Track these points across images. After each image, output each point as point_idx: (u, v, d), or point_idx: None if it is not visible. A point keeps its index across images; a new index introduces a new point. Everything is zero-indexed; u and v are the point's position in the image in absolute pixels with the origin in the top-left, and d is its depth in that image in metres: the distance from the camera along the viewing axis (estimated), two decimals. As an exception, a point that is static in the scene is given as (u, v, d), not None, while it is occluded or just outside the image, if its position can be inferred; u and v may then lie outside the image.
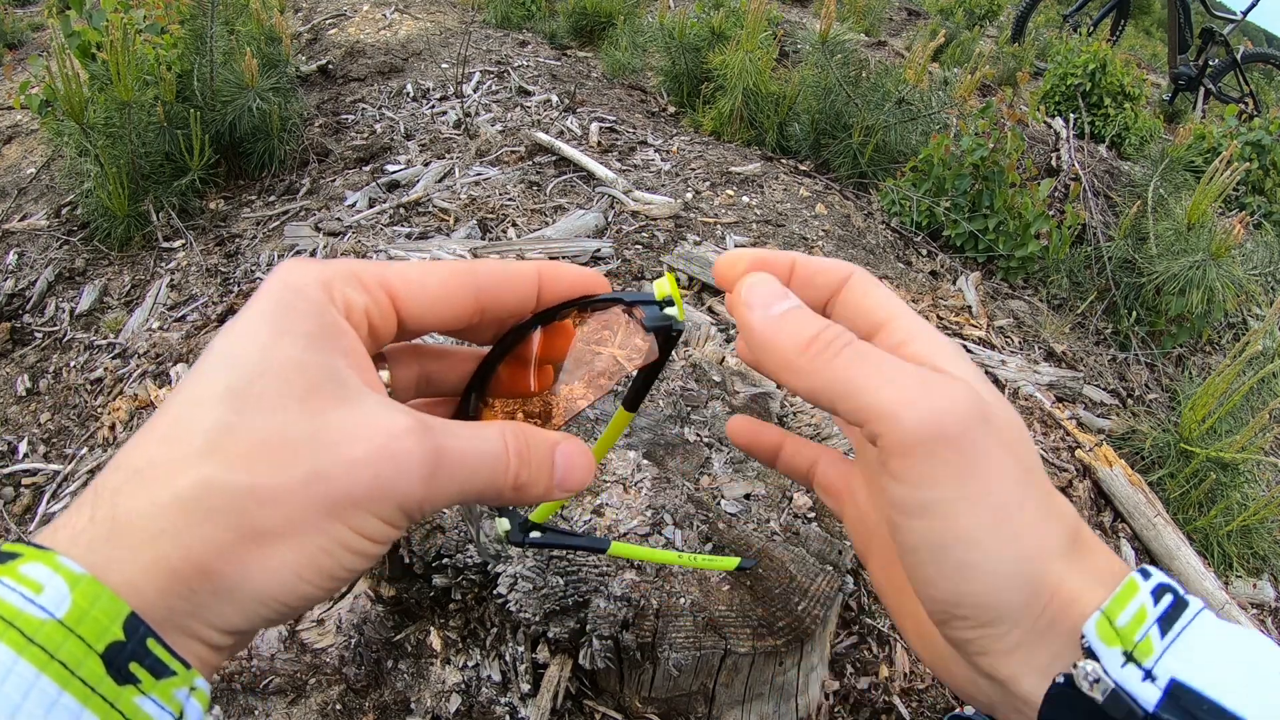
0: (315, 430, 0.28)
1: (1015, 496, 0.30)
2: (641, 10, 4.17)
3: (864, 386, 0.31)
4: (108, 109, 2.09)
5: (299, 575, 0.28)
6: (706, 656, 0.83)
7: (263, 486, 0.27)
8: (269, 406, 0.28)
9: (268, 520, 0.27)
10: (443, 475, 0.29)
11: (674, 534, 0.93)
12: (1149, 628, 0.28)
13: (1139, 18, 10.34)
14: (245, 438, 0.27)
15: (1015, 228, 2.52)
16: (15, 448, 1.68)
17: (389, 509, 0.29)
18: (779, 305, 0.34)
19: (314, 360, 0.29)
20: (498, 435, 0.32)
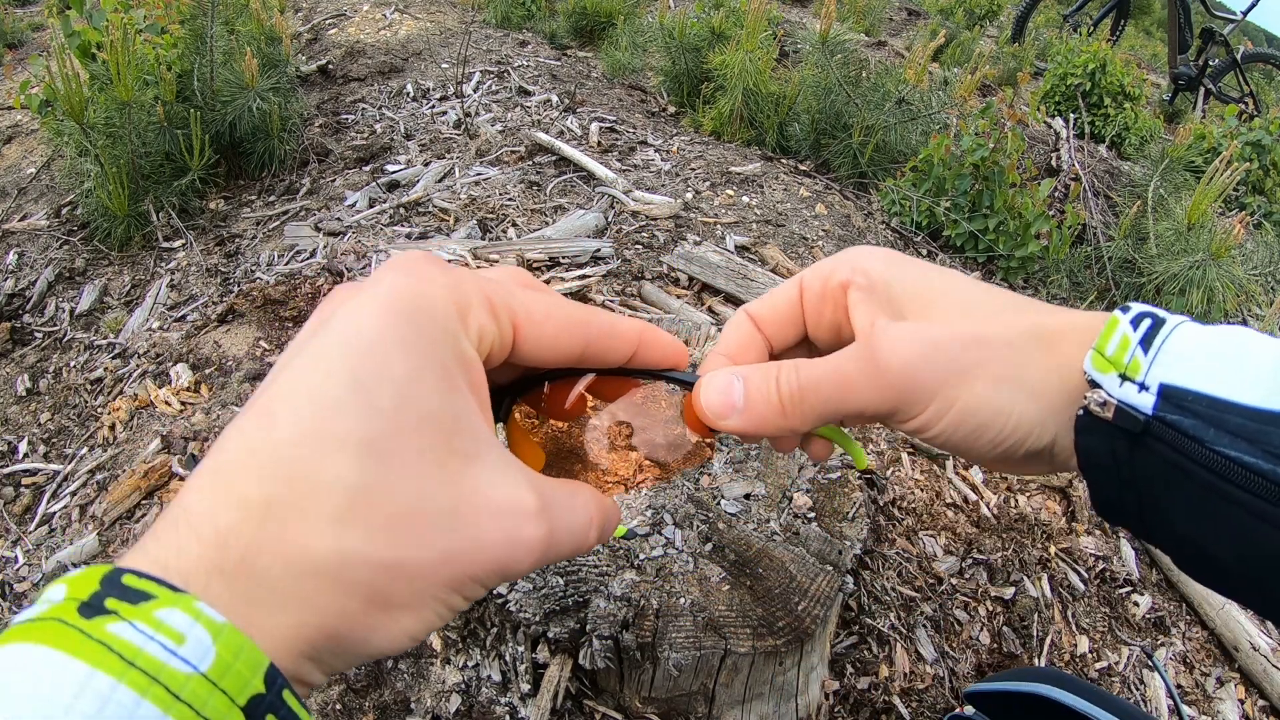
0: (454, 502, 0.28)
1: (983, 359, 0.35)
2: (641, 10, 4.17)
3: (835, 405, 0.37)
4: (108, 109, 2.09)
5: (411, 636, 0.28)
6: (706, 656, 0.83)
7: (400, 563, 0.27)
8: (410, 470, 0.27)
9: (399, 593, 0.27)
10: (545, 559, 0.31)
11: (674, 534, 0.93)
12: (1134, 350, 0.33)
13: (1139, 18, 10.34)
14: (384, 506, 0.26)
15: (1015, 228, 2.52)
16: (15, 448, 1.68)
17: (499, 581, 0.30)
18: (735, 396, 0.38)
19: (451, 409, 0.28)
20: (584, 512, 0.33)
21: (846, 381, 0.36)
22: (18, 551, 1.45)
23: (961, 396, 0.35)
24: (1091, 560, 1.56)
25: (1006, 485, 1.63)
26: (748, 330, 0.42)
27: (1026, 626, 1.39)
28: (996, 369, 0.35)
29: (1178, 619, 1.55)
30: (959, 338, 0.35)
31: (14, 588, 1.39)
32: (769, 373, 0.38)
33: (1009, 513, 1.57)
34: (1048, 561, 1.52)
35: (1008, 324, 0.36)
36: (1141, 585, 1.58)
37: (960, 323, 0.36)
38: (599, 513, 0.34)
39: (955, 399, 0.35)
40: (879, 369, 0.36)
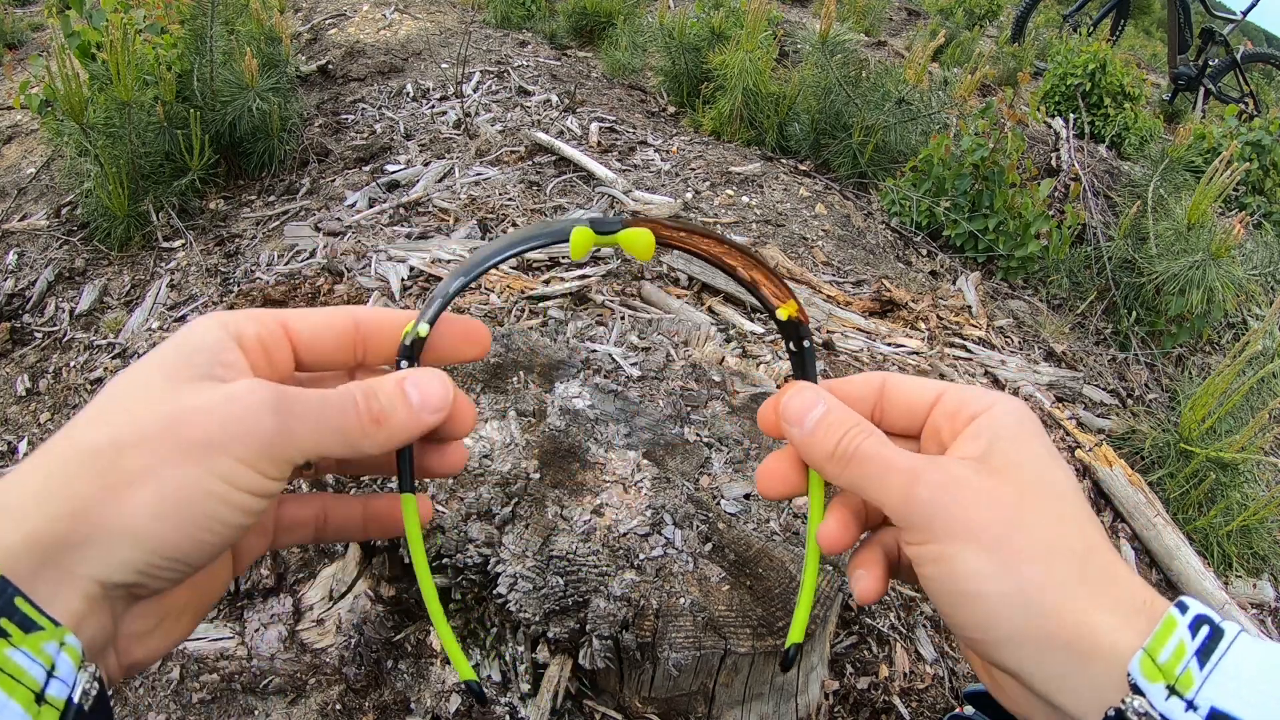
0: (176, 396, 0.32)
1: (1005, 538, 0.34)
2: (641, 10, 4.17)
3: (867, 483, 0.38)
4: (108, 109, 2.09)
5: (159, 514, 0.31)
6: (706, 656, 0.83)
7: (121, 437, 0.31)
8: (139, 391, 0.33)
9: (129, 465, 0.31)
10: (292, 418, 0.33)
11: (674, 534, 0.93)
12: (1189, 661, 0.31)
13: (1139, 18, 10.34)
14: (110, 408, 0.32)
15: (1015, 228, 2.52)
16: (15, 448, 1.68)
17: (249, 453, 0.32)
18: (811, 415, 0.40)
19: (190, 365, 0.34)
20: (345, 387, 0.37)
21: (889, 469, 0.37)
22: (18, 551, 1.45)
23: (962, 557, 0.35)
24: (1091, 560, 1.56)
25: (1006, 485, 1.62)
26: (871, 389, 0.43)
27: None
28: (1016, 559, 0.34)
29: (1178, 619, 1.55)
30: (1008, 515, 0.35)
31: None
32: (847, 418, 0.40)
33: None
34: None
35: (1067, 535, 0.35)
36: (1141, 585, 1.58)
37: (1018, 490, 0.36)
38: (362, 382, 0.37)
39: (954, 555, 0.35)
40: (922, 477, 0.36)
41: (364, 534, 0.45)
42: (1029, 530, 0.34)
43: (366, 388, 0.36)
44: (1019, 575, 0.34)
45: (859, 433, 0.39)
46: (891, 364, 1.77)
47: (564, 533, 0.90)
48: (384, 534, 0.45)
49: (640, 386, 1.16)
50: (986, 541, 0.34)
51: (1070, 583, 0.34)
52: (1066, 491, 0.36)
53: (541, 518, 0.91)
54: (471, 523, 0.89)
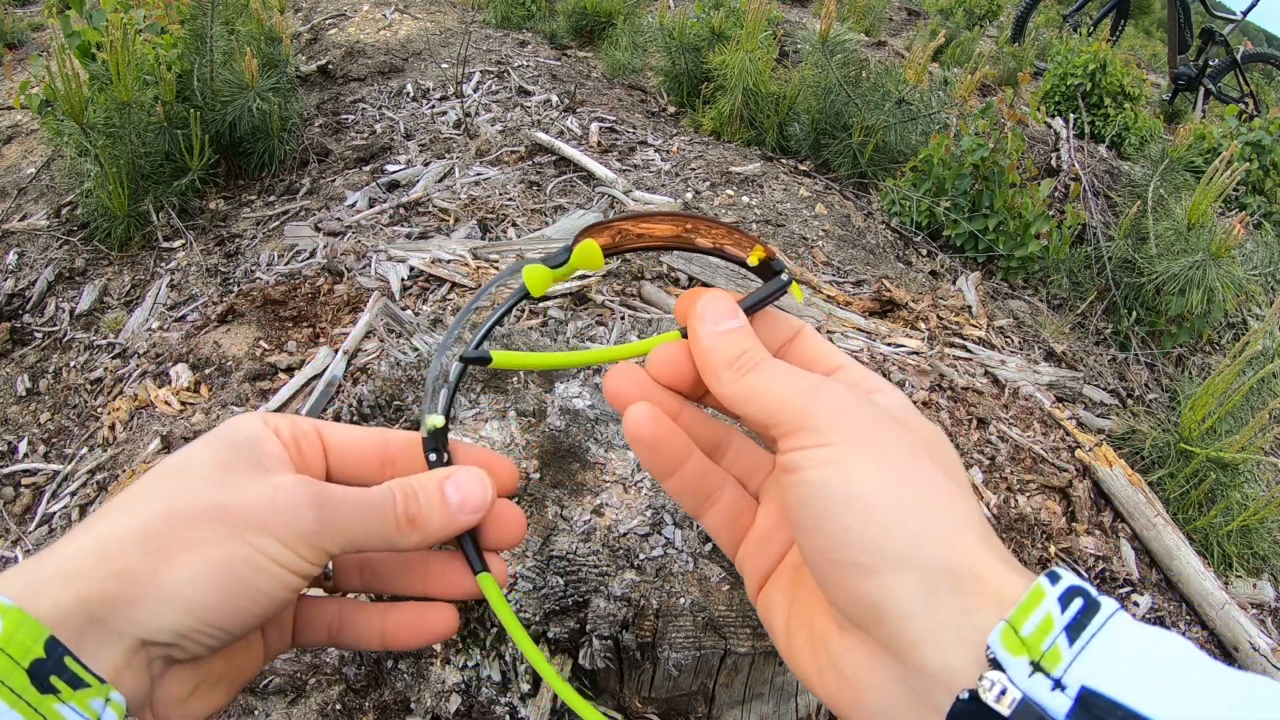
0: (226, 480, 0.35)
1: (908, 458, 0.33)
2: (641, 10, 4.17)
3: (766, 389, 0.36)
4: (108, 109, 2.09)
5: (205, 581, 0.33)
6: (706, 656, 0.83)
7: (175, 510, 0.34)
8: (192, 472, 0.36)
9: (179, 536, 0.33)
10: (331, 512, 0.36)
11: (674, 534, 0.93)
12: (1056, 635, 0.28)
13: (1139, 18, 10.35)
14: (163, 485, 0.35)
15: (1015, 228, 2.52)
16: (15, 448, 1.68)
17: (290, 536, 0.35)
18: (726, 323, 0.39)
19: (236, 455, 0.37)
20: (385, 486, 0.38)
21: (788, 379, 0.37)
22: (18, 552, 1.45)
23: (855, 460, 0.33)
24: (1091, 560, 1.56)
25: (1006, 485, 1.63)
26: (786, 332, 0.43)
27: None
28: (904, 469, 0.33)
29: (1178, 619, 1.55)
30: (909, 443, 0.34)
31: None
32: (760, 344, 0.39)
33: (1009, 513, 1.57)
34: (1047, 561, 1.52)
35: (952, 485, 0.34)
36: (1142, 585, 1.58)
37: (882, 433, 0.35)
38: (403, 482, 0.39)
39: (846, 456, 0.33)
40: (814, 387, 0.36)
41: (382, 645, 0.44)
42: (927, 463, 0.33)
43: (407, 488, 0.38)
44: (917, 491, 0.32)
45: (764, 352, 0.38)
46: (891, 364, 1.77)
47: (564, 533, 0.90)
48: (405, 647, 0.45)
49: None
50: (890, 455, 0.33)
51: (963, 519, 0.32)
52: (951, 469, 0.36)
53: (541, 518, 0.91)
54: (471, 523, 0.90)
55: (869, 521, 0.32)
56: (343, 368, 1.69)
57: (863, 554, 0.31)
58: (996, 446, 1.67)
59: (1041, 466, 1.68)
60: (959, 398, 1.76)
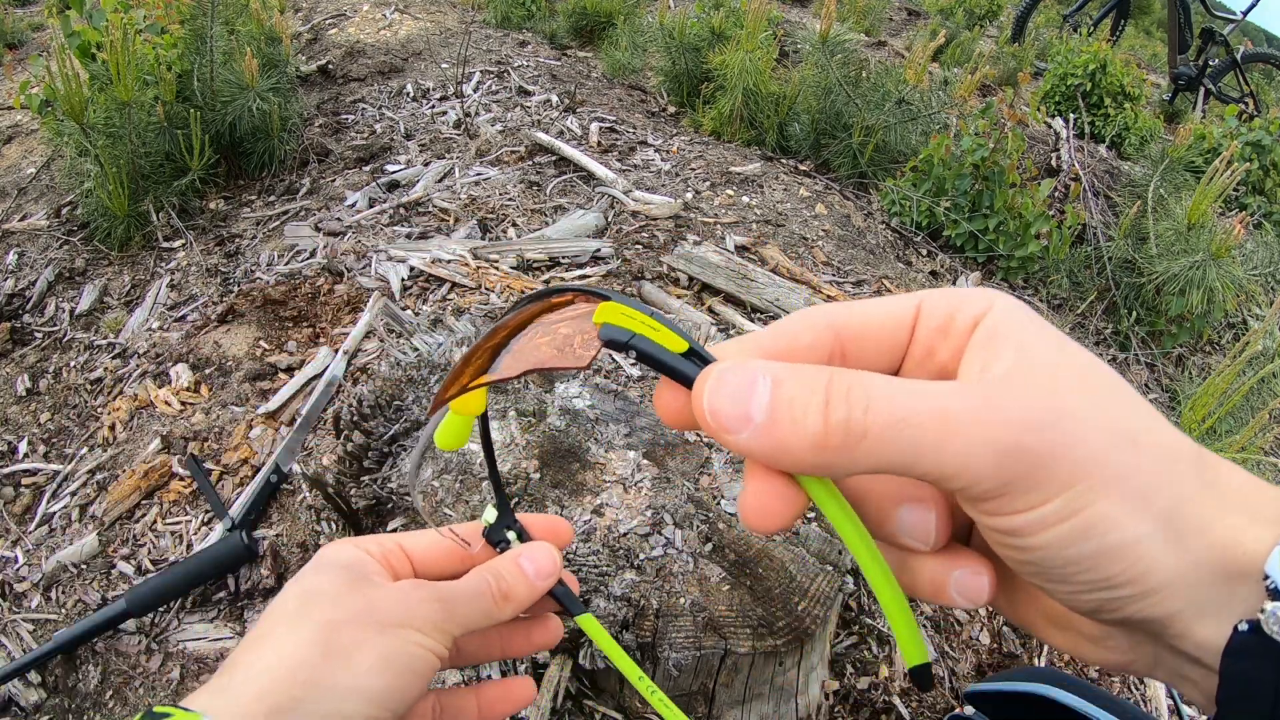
0: (361, 591, 0.41)
1: (1128, 465, 0.26)
2: (641, 10, 4.17)
3: (917, 455, 0.26)
4: (108, 109, 2.09)
5: (376, 670, 0.39)
6: (706, 656, 0.83)
7: (333, 619, 0.39)
8: (326, 590, 0.41)
9: (344, 640, 0.39)
10: (450, 603, 0.43)
11: (674, 534, 0.93)
12: None
13: (1139, 18, 10.34)
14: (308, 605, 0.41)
15: (1015, 228, 2.52)
16: (15, 448, 1.68)
17: (426, 626, 0.41)
18: (757, 403, 0.27)
19: (353, 574, 0.43)
20: (474, 574, 0.45)
21: (948, 420, 0.25)
22: (18, 551, 1.45)
23: (1095, 505, 0.25)
24: (1091, 560, 1.56)
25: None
26: (820, 335, 0.31)
27: (1026, 626, 1.39)
28: (1147, 487, 0.26)
29: (1178, 619, 1.55)
30: (1110, 428, 0.26)
31: (14, 588, 1.39)
32: (815, 379, 0.27)
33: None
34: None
35: (1169, 439, 0.27)
36: (1141, 585, 1.58)
37: (1110, 409, 0.27)
38: (490, 568, 0.45)
39: (1085, 505, 0.25)
40: (1006, 417, 0.25)
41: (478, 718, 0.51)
42: (1137, 447, 0.26)
43: (495, 570, 0.45)
44: (1155, 505, 0.26)
45: (850, 386, 0.26)
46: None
47: (564, 533, 0.89)
48: (496, 716, 0.51)
49: (640, 386, 1.16)
50: (1111, 476, 0.25)
51: (1199, 494, 0.26)
52: (1119, 383, 0.28)
53: (541, 518, 0.91)
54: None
55: (1126, 567, 0.26)
56: (343, 368, 1.69)
57: (1131, 589, 0.26)
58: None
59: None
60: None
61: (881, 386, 0.26)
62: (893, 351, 0.31)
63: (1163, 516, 0.26)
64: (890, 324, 0.31)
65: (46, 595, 1.37)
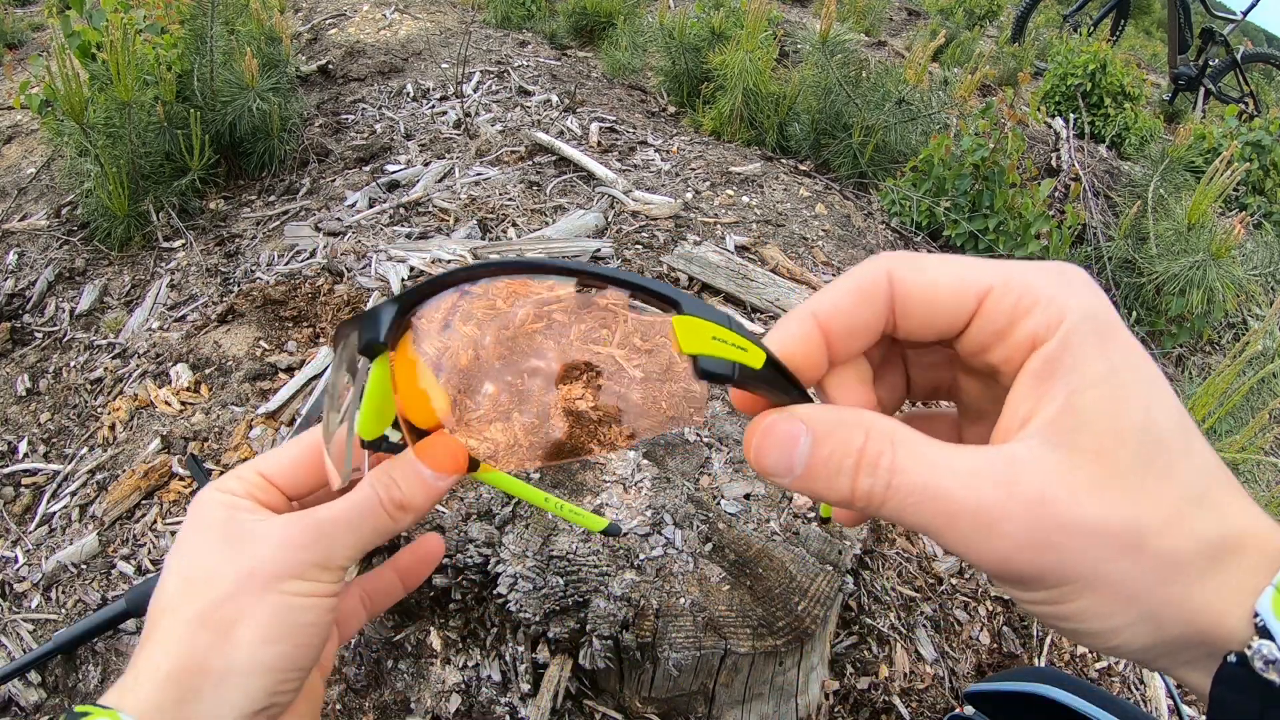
0: (234, 552, 0.39)
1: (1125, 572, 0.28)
2: (641, 10, 4.17)
3: (925, 526, 0.29)
4: (108, 109, 2.09)
5: (262, 640, 0.37)
6: (706, 656, 0.83)
7: (212, 597, 0.38)
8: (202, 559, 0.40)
9: (224, 615, 0.37)
10: (328, 535, 0.39)
11: (674, 534, 0.93)
12: None
13: (1139, 18, 10.34)
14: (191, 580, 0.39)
15: (1015, 228, 2.52)
16: (15, 448, 1.68)
17: (307, 570, 0.39)
18: (798, 453, 0.30)
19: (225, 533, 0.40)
20: (364, 485, 0.40)
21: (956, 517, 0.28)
22: (18, 551, 1.45)
23: (1080, 599, 0.28)
24: (1091, 560, 1.56)
25: (1006, 485, 1.62)
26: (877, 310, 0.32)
27: (1026, 626, 1.39)
28: (1137, 592, 0.27)
29: (1178, 619, 1.55)
30: (1118, 532, 0.27)
31: (14, 588, 1.39)
32: (851, 441, 0.29)
33: (1009, 513, 1.57)
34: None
35: (1187, 526, 0.27)
36: (1141, 585, 1.58)
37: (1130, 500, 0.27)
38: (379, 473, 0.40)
39: (1072, 599, 0.28)
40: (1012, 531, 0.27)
41: (405, 589, 0.50)
42: (1153, 544, 0.27)
43: (385, 480, 0.40)
44: (1145, 605, 0.28)
45: (878, 454, 0.29)
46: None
47: (564, 532, 0.89)
48: (419, 580, 0.51)
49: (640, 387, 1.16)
50: (1103, 584, 0.28)
51: (1202, 580, 0.28)
52: (1176, 443, 0.28)
53: (542, 518, 0.91)
54: (472, 523, 0.89)
55: (1108, 641, 0.29)
56: (343, 368, 1.68)
57: (1116, 652, 0.30)
58: (996, 446, 1.67)
59: (1041, 466, 1.68)
60: (959, 398, 1.76)
61: (908, 460, 0.29)
62: (945, 332, 0.32)
63: (1146, 613, 0.28)
64: (950, 306, 0.31)
65: (46, 595, 1.37)
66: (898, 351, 0.38)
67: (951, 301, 0.31)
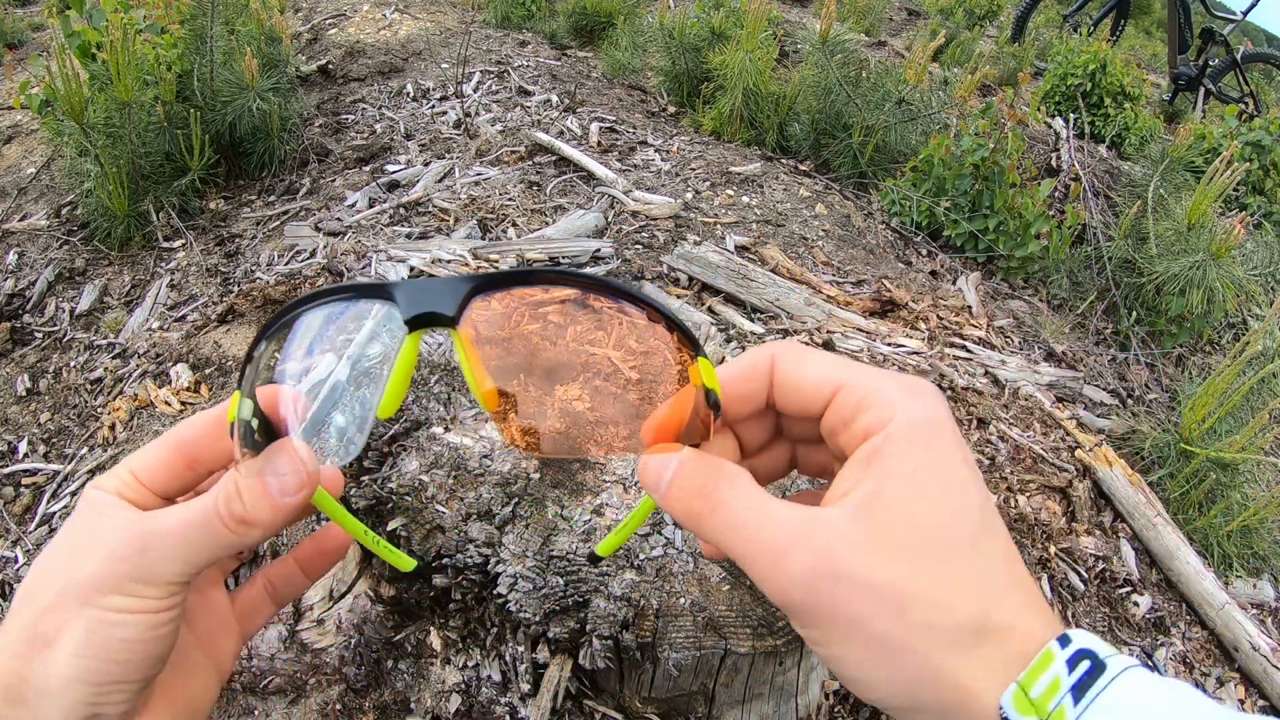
0: (72, 562, 0.38)
1: (886, 633, 0.32)
2: (641, 10, 4.17)
3: (737, 556, 0.35)
4: (108, 109, 2.09)
5: (80, 654, 0.36)
6: (706, 656, 0.83)
7: (43, 604, 0.37)
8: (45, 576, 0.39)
9: (47, 625, 0.37)
10: (154, 549, 0.37)
11: (674, 534, 0.93)
12: (1062, 697, 0.30)
13: (1139, 18, 10.34)
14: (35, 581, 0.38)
15: (1015, 228, 2.52)
16: (15, 448, 1.68)
17: (127, 585, 0.37)
18: (664, 477, 0.38)
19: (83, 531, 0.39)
20: (209, 494, 0.39)
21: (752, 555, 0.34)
22: (18, 551, 1.45)
23: (837, 646, 0.33)
24: (1091, 560, 1.56)
25: (1006, 485, 1.63)
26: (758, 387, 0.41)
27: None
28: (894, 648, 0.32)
29: (1178, 619, 1.55)
30: (884, 595, 0.32)
31: (14, 588, 1.39)
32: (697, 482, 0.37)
33: (1009, 513, 1.57)
34: (1047, 561, 1.52)
35: (951, 605, 0.32)
36: (1141, 585, 1.58)
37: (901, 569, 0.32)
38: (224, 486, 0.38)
39: (833, 644, 0.34)
40: (792, 574, 0.33)
41: (309, 580, 0.49)
42: (913, 612, 0.32)
43: (228, 490, 0.38)
44: (900, 665, 0.32)
45: (715, 488, 0.36)
46: (891, 364, 1.77)
47: (564, 533, 0.90)
48: (322, 571, 0.49)
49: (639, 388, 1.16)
50: (865, 635, 0.33)
51: (954, 656, 0.32)
52: (963, 537, 0.33)
53: (541, 518, 0.91)
54: (472, 523, 0.90)
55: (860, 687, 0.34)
56: (343, 368, 1.69)
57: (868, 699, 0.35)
58: (996, 446, 1.67)
59: (1041, 466, 1.68)
60: (959, 398, 1.76)
61: (734, 499, 0.36)
62: (808, 412, 0.39)
63: (903, 674, 0.32)
64: (809, 396, 0.38)
65: (46, 595, 1.37)
66: (787, 436, 0.45)
67: (813, 390, 0.38)
